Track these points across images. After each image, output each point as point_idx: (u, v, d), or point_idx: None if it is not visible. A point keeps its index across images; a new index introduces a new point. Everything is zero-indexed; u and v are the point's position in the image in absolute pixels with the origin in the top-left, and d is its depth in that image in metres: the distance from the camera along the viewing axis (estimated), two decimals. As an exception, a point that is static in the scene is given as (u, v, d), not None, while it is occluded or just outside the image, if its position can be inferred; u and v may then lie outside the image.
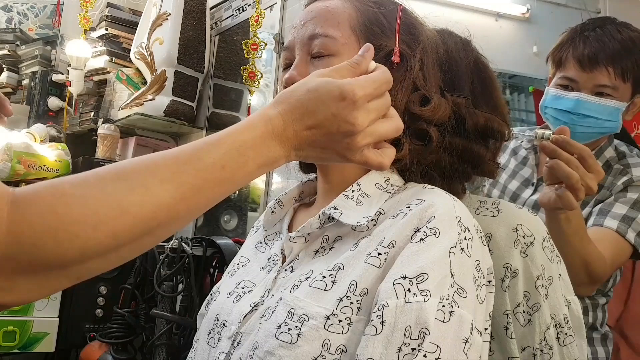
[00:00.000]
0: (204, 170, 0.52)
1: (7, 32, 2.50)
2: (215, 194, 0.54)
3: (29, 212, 0.46)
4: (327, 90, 0.56)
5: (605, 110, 1.14)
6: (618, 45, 1.13)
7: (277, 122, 0.56)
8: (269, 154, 0.56)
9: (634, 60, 1.14)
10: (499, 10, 2.60)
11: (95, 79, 2.22)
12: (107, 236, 0.48)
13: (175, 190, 0.51)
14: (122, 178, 0.50)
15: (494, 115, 0.79)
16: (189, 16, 2.01)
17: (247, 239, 0.84)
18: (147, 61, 2.00)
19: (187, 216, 0.54)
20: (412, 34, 0.71)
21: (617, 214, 1.12)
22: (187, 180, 0.51)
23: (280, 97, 0.58)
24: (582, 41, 1.16)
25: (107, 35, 2.24)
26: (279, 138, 0.56)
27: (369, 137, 0.58)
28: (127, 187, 0.49)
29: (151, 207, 0.50)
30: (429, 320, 0.53)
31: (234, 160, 0.54)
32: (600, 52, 1.13)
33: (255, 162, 0.55)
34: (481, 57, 0.84)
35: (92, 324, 1.77)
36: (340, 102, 0.56)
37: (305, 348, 0.56)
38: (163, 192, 0.50)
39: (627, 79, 1.14)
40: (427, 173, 0.70)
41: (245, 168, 0.55)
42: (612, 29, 1.16)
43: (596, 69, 1.13)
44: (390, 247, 0.59)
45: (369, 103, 0.58)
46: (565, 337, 0.75)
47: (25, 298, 0.48)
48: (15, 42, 2.46)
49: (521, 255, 0.74)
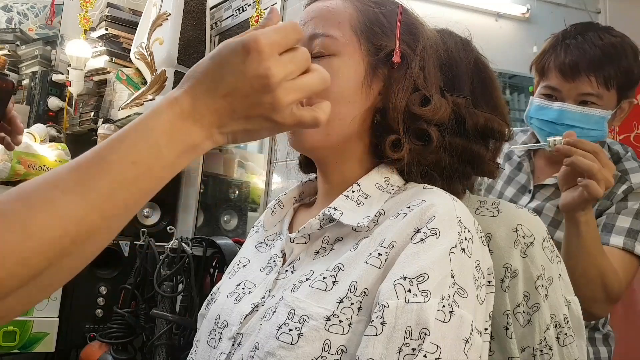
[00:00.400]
0: (111, 171, 0.46)
1: (7, 32, 2.50)
2: (133, 194, 0.48)
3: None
4: (229, 50, 0.50)
5: (590, 120, 1.12)
6: (599, 53, 1.11)
7: (184, 100, 0.50)
8: (186, 137, 0.50)
9: (616, 67, 1.11)
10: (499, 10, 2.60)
11: (95, 79, 2.22)
12: (17, 264, 0.42)
13: (82, 199, 0.45)
14: (22, 198, 0.44)
15: (494, 115, 0.80)
16: (189, 16, 2.01)
17: (247, 239, 0.84)
18: (147, 61, 2.00)
19: (108, 225, 0.48)
20: (412, 34, 0.71)
21: (622, 227, 1.11)
22: (94, 186, 0.46)
23: (186, 76, 0.53)
24: (563, 49, 1.14)
25: (107, 35, 2.24)
26: (191, 118, 0.50)
27: (293, 92, 0.51)
28: (29, 206, 0.44)
29: (59, 224, 0.44)
30: (429, 321, 0.53)
31: (144, 152, 0.48)
32: (581, 61, 1.11)
33: (172, 151, 0.49)
34: (481, 57, 0.84)
35: (92, 324, 1.77)
36: (246, 56, 0.49)
37: (305, 348, 0.56)
38: (69, 205, 0.45)
39: (610, 87, 1.12)
40: (427, 173, 0.70)
41: (161, 160, 0.49)
42: (593, 36, 1.14)
43: (578, 78, 1.11)
44: (391, 247, 0.59)
45: (282, 56, 0.51)
46: (565, 337, 0.75)
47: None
48: (15, 42, 2.46)
49: (521, 256, 0.74)
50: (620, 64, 1.12)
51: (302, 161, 0.83)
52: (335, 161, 0.71)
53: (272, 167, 1.75)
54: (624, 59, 1.13)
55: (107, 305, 1.76)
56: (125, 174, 0.47)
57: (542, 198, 1.22)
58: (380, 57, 0.69)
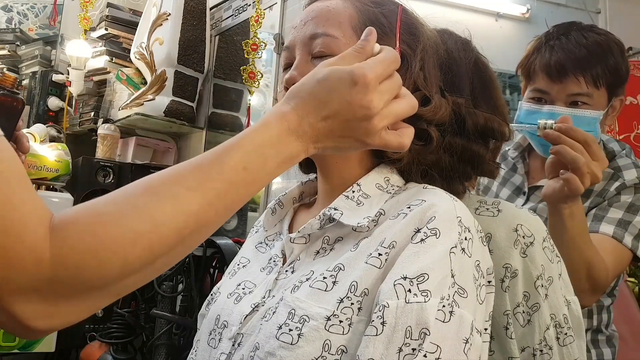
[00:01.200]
0: (226, 174, 0.53)
1: (7, 32, 2.50)
2: (240, 195, 0.55)
3: (70, 236, 0.47)
4: (337, 78, 0.56)
5: (581, 121, 1.08)
6: (585, 52, 1.09)
7: (292, 118, 0.56)
8: (288, 150, 0.56)
9: (604, 65, 1.10)
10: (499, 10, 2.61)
11: (95, 79, 2.22)
12: (144, 250, 0.49)
13: (203, 198, 0.51)
14: (151, 192, 0.51)
15: (494, 115, 0.79)
16: (189, 16, 2.01)
17: (247, 239, 0.84)
18: (147, 61, 2.00)
19: (217, 221, 0.54)
20: (412, 34, 0.71)
21: (613, 218, 1.09)
22: (212, 186, 0.52)
23: (291, 93, 0.58)
24: (547, 51, 1.12)
25: (107, 35, 2.24)
26: (295, 133, 0.56)
27: (386, 119, 0.58)
28: (157, 199, 0.50)
29: (182, 217, 0.50)
30: (429, 321, 0.53)
31: (254, 161, 0.54)
32: (568, 61, 1.09)
33: (275, 161, 0.56)
34: (481, 57, 0.84)
35: (92, 324, 1.77)
36: (353, 87, 0.56)
37: (305, 349, 0.56)
38: (191, 201, 0.51)
39: (600, 85, 1.10)
40: (428, 173, 0.70)
41: (266, 168, 0.55)
42: (577, 35, 1.12)
43: (566, 78, 1.09)
44: (391, 247, 0.59)
45: (381, 84, 0.57)
46: (565, 337, 0.75)
47: (65, 321, 0.49)
48: (15, 42, 2.46)
49: (521, 256, 0.74)
50: (608, 62, 1.10)
51: (302, 161, 0.83)
52: (335, 161, 0.71)
53: (272, 167, 1.75)
54: (611, 57, 1.11)
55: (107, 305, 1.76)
56: (238, 177, 0.53)
57: (536, 200, 1.21)
58: (381, 57, 0.69)
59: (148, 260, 0.50)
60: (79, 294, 0.48)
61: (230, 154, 0.54)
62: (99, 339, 1.62)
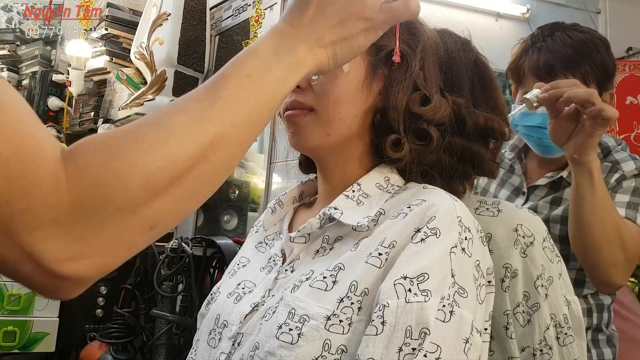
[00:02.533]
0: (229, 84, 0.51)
1: (7, 32, 2.50)
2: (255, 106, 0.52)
3: (83, 153, 0.45)
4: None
5: None
6: (572, 51, 1.11)
7: (282, 25, 0.55)
8: (290, 52, 0.54)
9: (591, 63, 1.11)
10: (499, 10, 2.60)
11: (95, 79, 2.23)
12: (164, 160, 0.46)
13: (212, 106, 0.49)
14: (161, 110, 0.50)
15: (494, 115, 0.79)
16: (189, 16, 2.01)
17: (247, 239, 0.84)
18: (147, 61, 2.00)
19: (237, 135, 0.51)
20: (412, 33, 0.71)
21: (621, 202, 1.11)
22: (218, 96, 0.50)
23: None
24: (535, 53, 1.14)
25: (107, 35, 2.24)
26: (291, 35, 0.54)
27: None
28: (168, 113, 0.49)
29: (197, 125, 0.48)
30: (429, 320, 0.54)
31: (256, 66, 0.52)
32: (556, 61, 1.11)
33: (281, 64, 0.53)
34: (481, 57, 0.84)
35: (92, 324, 1.77)
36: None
37: (305, 348, 0.56)
38: (202, 109, 0.49)
39: (589, 83, 1.11)
40: (428, 173, 0.70)
41: (273, 72, 0.53)
42: (562, 35, 1.14)
43: (555, 79, 1.08)
44: (391, 247, 0.59)
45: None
46: (565, 337, 0.75)
47: (97, 263, 0.44)
48: (15, 42, 2.46)
49: (521, 256, 0.74)
50: (595, 59, 1.12)
51: (302, 161, 0.83)
52: (335, 161, 0.71)
53: (272, 167, 1.76)
54: (597, 54, 1.13)
55: (107, 305, 1.76)
56: (242, 86, 0.51)
57: (536, 199, 1.21)
58: (381, 57, 0.69)
59: (172, 174, 0.46)
60: (105, 222, 0.44)
61: (229, 66, 0.52)
62: (99, 339, 1.62)
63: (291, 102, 0.68)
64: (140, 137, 0.46)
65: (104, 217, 0.44)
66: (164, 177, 0.46)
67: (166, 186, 0.46)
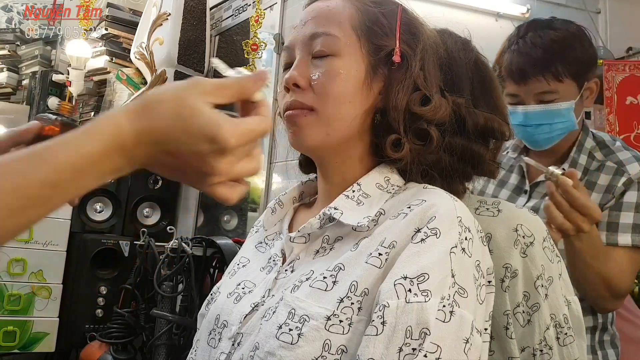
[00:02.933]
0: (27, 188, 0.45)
1: (7, 32, 2.50)
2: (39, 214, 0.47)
3: None
4: (199, 126, 0.48)
5: (555, 114, 1.15)
6: (541, 52, 1.14)
7: (129, 139, 0.48)
8: (111, 167, 0.48)
9: (562, 60, 1.13)
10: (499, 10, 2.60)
11: (95, 79, 2.23)
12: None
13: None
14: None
15: (494, 115, 0.79)
16: (189, 16, 2.01)
17: (247, 239, 0.84)
18: (147, 61, 2.00)
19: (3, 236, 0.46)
20: (412, 33, 0.71)
21: (626, 224, 1.13)
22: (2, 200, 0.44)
23: (143, 107, 0.49)
24: (509, 56, 1.17)
25: (107, 35, 2.24)
26: (126, 153, 0.48)
27: (225, 177, 0.51)
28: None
29: None
30: (429, 321, 0.53)
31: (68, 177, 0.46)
32: (526, 65, 1.14)
33: (94, 177, 0.48)
34: (481, 57, 0.84)
35: (92, 324, 1.77)
36: (210, 144, 0.48)
37: (305, 348, 0.56)
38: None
39: (562, 78, 1.14)
40: (428, 173, 0.70)
41: (81, 183, 0.47)
42: (533, 36, 1.16)
43: (530, 80, 1.14)
44: (391, 247, 0.59)
45: (238, 150, 0.50)
46: (565, 337, 0.75)
47: None
48: (15, 42, 2.46)
49: (521, 256, 0.74)
50: (567, 56, 1.14)
51: (302, 161, 0.83)
52: (335, 161, 0.71)
53: (272, 167, 1.76)
54: (569, 50, 1.15)
55: (107, 305, 1.77)
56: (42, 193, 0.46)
57: (539, 196, 1.22)
58: (381, 57, 0.69)
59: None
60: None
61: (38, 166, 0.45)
62: (99, 339, 1.62)
63: (291, 102, 0.68)
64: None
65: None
66: None
67: None
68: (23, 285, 1.69)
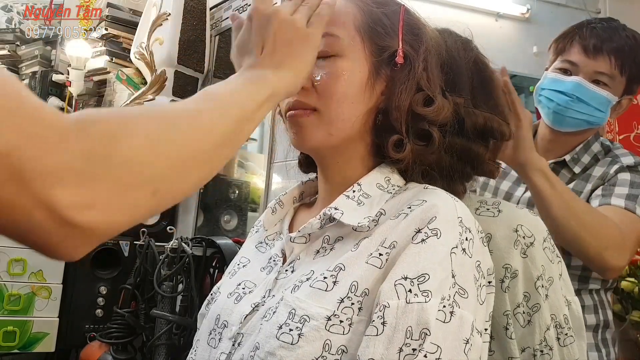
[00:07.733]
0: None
1: (7, 32, 2.50)
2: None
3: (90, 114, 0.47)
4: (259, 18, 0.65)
5: (598, 99, 1.18)
6: (623, 41, 1.18)
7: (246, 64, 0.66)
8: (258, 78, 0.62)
9: (633, 57, 1.18)
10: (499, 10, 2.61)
11: (95, 79, 2.22)
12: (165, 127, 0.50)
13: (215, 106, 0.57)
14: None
15: (494, 115, 0.79)
16: (189, 16, 2.01)
17: (247, 239, 0.84)
18: (147, 61, 2.00)
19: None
20: (415, 34, 0.71)
21: (620, 194, 1.14)
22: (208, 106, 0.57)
23: None
24: (589, 31, 1.21)
25: (107, 35, 2.24)
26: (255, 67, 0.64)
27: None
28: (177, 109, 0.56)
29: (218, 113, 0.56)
30: (430, 321, 0.54)
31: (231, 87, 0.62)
32: (606, 42, 1.17)
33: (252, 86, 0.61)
34: (481, 57, 0.84)
35: (92, 324, 1.76)
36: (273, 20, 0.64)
37: (306, 348, 0.56)
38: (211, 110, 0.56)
39: (624, 72, 1.18)
40: (428, 173, 0.70)
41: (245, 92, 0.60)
42: (618, 26, 1.22)
43: (599, 56, 1.17)
44: (392, 247, 0.59)
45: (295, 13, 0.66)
46: (566, 337, 0.75)
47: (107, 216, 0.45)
48: (15, 42, 2.46)
49: (521, 256, 0.74)
50: (638, 55, 1.19)
51: (302, 161, 0.83)
52: (336, 161, 0.71)
53: (272, 167, 1.75)
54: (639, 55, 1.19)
55: (107, 305, 1.76)
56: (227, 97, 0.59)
57: None
58: (384, 58, 0.69)
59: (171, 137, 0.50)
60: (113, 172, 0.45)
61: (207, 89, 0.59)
62: (99, 339, 1.62)
63: (294, 102, 0.68)
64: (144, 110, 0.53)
65: (112, 166, 0.45)
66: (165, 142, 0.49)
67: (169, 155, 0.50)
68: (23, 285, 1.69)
